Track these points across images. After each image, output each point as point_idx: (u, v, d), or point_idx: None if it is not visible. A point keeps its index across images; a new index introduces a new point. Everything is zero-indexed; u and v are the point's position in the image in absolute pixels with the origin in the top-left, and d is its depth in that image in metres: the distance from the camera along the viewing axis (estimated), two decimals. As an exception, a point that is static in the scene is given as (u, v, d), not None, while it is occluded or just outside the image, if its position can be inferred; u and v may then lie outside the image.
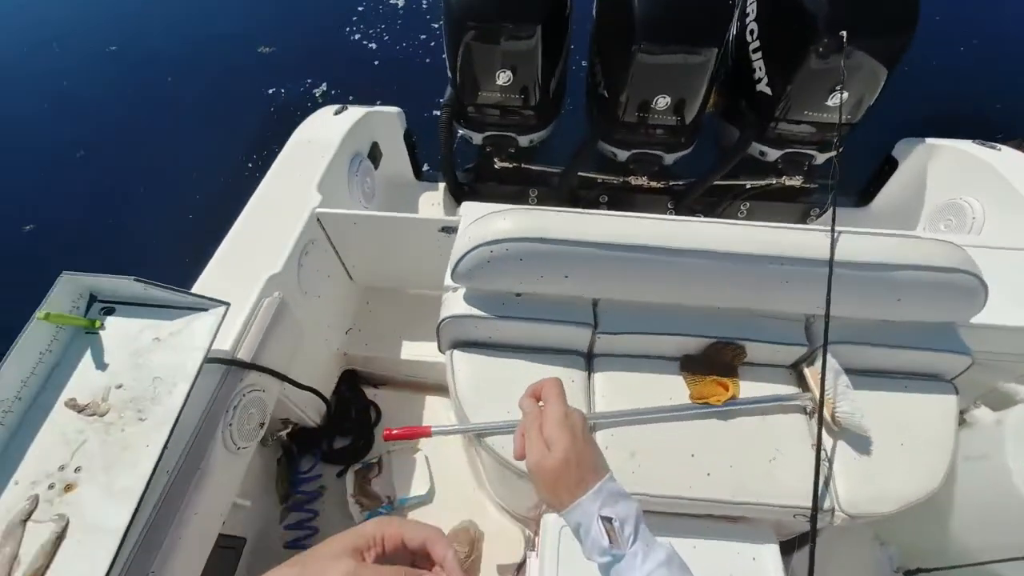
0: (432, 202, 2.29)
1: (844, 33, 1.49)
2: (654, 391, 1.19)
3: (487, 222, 1.10)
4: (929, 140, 1.94)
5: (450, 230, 1.51)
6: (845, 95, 1.62)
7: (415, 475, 1.64)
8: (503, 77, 1.77)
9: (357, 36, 3.87)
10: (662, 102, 1.77)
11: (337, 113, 1.95)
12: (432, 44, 3.72)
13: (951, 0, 3.66)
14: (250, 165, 3.02)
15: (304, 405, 1.56)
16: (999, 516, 1.14)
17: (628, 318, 1.20)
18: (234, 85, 3.61)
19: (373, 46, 3.79)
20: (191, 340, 1.05)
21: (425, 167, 2.42)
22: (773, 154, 1.95)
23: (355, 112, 1.95)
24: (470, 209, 1.39)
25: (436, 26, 3.85)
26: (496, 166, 2.09)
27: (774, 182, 2.02)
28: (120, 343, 1.03)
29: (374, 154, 2.05)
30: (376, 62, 3.69)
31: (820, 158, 1.94)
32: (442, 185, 2.31)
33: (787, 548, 1.25)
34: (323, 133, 1.82)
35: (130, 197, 3.07)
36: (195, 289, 1.32)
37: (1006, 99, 3.12)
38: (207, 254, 1.40)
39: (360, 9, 4.03)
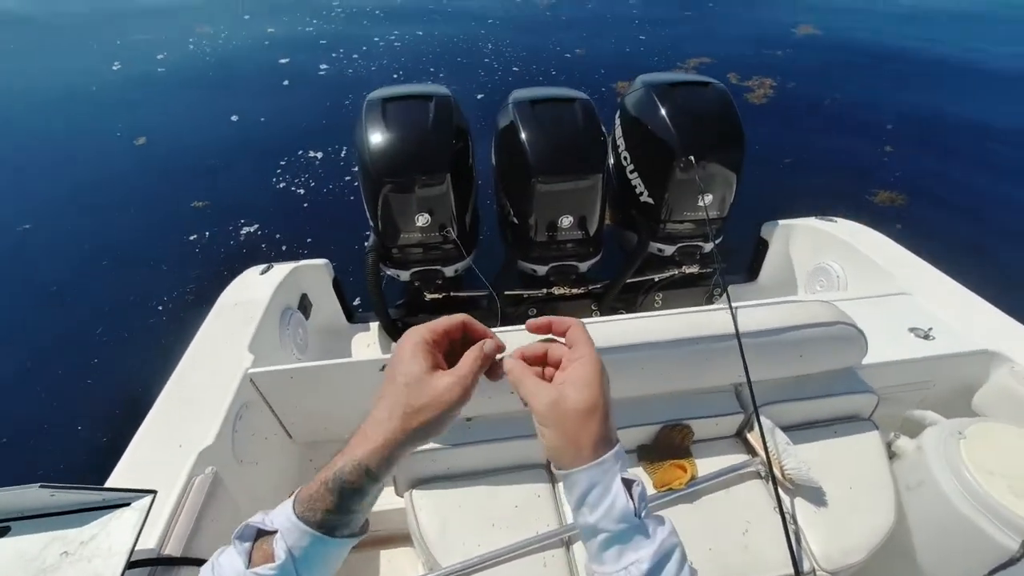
0: (367, 343, 2.29)
1: (692, 157, 1.88)
2: (620, 488, 1.19)
3: None
4: (783, 221, 2.34)
5: None
6: (709, 198, 1.96)
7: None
8: (422, 220, 1.94)
9: (282, 185, 4.19)
10: (566, 221, 2.01)
11: (263, 273, 1.99)
12: (353, 184, 4.11)
13: (771, 124, 4.84)
14: (179, 321, 2.93)
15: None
16: (954, 540, 1.20)
17: (579, 419, 1.24)
18: (165, 245, 3.62)
19: (301, 191, 4.12)
20: (109, 545, 0.92)
21: (358, 309, 2.46)
22: (669, 249, 2.24)
23: (282, 269, 2.00)
24: None
25: (348, 176, 4.22)
26: (426, 298, 2.18)
27: (676, 272, 2.30)
28: (15, 571, 0.88)
29: (304, 305, 2.08)
30: (306, 204, 3.98)
31: (707, 247, 2.25)
32: (375, 325, 2.34)
33: None
34: (250, 294, 1.83)
35: (43, 377, 2.78)
36: (114, 477, 1.18)
37: (826, 194, 4.00)
38: (129, 434, 1.29)
39: (283, 163, 4.43)
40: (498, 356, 0.54)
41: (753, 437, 1.26)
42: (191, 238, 3.63)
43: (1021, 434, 1.24)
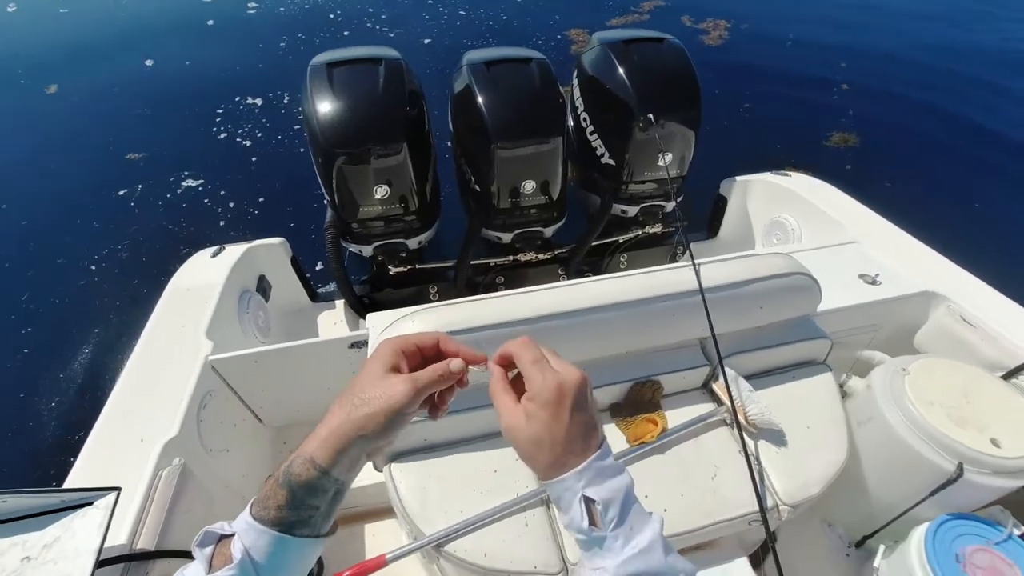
0: (333, 321, 2.24)
1: (651, 115, 1.87)
2: (595, 446, 1.23)
3: (397, 329, 1.13)
4: (740, 177, 2.39)
5: (360, 344, 1.50)
6: (669, 156, 1.96)
7: (378, 621, 1.45)
8: (380, 192, 1.87)
9: (223, 136, 3.91)
10: (528, 186, 1.99)
11: (215, 255, 1.88)
12: (297, 139, 3.85)
13: (725, 66, 4.80)
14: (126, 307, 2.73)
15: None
16: (900, 467, 1.31)
17: (552, 383, 1.26)
18: (98, 206, 3.31)
19: (246, 143, 3.86)
20: (75, 546, 0.89)
21: (320, 288, 2.39)
22: (632, 210, 2.26)
23: (234, 250, 1.91)
24: (376, 320, 1.40)
25: (297, 126, 3.90)
26: (391, 272, 2.13)
27: (640, 232, 2.32)
28: (-27, 581, 0.84)
29: (263, 287, 1.99)
30: (252, 158, 3.73)
31: (668, 206, 2.28)
32: (340, 302, 2.28)
33: (755, 561, 1.30)
34: (203, 278, 1.74)
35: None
36: (72, 477, 1.13)
37: (782, 141, 4.03)
38: (83, 433, 1.22)
39: (220, 111, 4.14)
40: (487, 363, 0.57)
41: (719, 387, 1.31)
42: (129, 200, 3.32)
43: (958, 367, 1.34)
